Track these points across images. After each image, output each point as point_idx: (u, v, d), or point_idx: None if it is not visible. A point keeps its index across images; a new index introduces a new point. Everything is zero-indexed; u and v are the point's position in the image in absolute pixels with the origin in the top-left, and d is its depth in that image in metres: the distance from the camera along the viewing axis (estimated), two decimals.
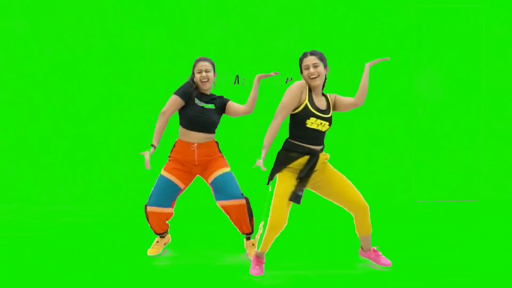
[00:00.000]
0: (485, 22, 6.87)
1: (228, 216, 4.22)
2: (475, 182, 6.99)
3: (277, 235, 3.70)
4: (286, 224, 3.67)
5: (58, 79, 6.97)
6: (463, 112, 6.94)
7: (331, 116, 3.75)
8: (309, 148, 3.69)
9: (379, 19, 6.91)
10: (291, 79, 6.85)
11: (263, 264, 3.81)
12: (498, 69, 6.93)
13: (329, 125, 3.74)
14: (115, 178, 7.03)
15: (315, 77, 3.67)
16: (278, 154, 3.74)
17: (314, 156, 3.67)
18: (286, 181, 3.67)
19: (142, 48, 6.94)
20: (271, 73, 4.14)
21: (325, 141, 3.85)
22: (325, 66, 3.77)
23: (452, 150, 6.96)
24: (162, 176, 4.22)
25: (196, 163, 4.21)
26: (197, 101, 4.20)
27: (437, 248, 4.58)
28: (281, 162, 3.70)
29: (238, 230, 4.28)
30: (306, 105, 3.65)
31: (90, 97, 6.97)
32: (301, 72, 3.77)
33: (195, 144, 4.17)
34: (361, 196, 3.81)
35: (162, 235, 4.39)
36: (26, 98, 7.00)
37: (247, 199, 4.16)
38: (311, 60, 3.70)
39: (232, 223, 4.25)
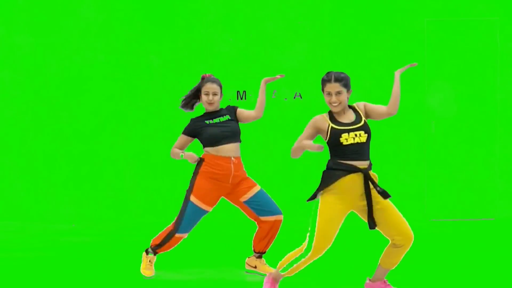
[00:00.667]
0: (499, 34, 6.85)
1: (261, 231, 4.24)
2: (491, 199, 6.95)
3: (320, 255, 3.60)
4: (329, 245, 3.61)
5: (63, 96, 7.03)
6: (478, 128, 6.92)
7: (364, 124, 3.57)
8: (351, 165, 3.51)
9: (391, 32, 6.94)
10: (299, 94, 6.85)
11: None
12: None
13: (366, 133, 3.55)
14: (119, 196, 7.05)
15: (336, 105, 3.57)
16: (322, 174, 3.62)
17: (365, 176, 3.55)
18: (331, 204, 3.55)
19: (148, 64, 6.99)
20: (277, 76, 4.09)
21: None
22: (348, 90, 3.65)
23: (466, 166, 6.94)
24: (192, 204, 4.16)
25: (230, 181, 4.16)
26: (208, 121, 4.24)
27: (452, 268, 4.55)
28: (324, 181, 3.57)
29: (255, 247, 4.28)
30: (332, 128, 3.55)
31: (96, 114, 7.01)
32: (322, 90, 3.65)
33: (232, 160, 4.15)
34: (409, 227, 3.61)
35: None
36: (31, 115, 7.04)
37: None
38: (334, 88, 3.56)
39: (256, 238, 4.27)
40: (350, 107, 3.68)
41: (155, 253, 4.28)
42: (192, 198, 4.12)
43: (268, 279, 3.65)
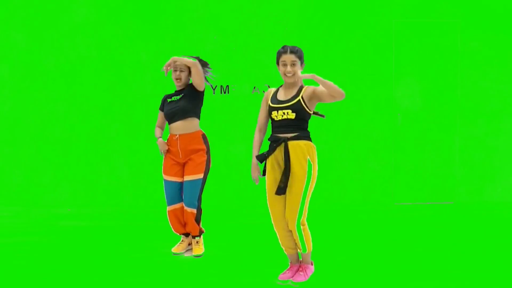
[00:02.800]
0: (460, 35, 7.08)
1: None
2: (450, 185, 7.20)
3: (283, 232, 3.73)
4: (281, 223, 3.70)
5: (61, 86, 7.15)
6: (440, 119, 7.13)
7: (295, 102, 3.66)
8: (277, 136, 3.71)
9: (361, 33, 7.11)
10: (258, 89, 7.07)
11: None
12: (472, 79, 7.13)
13: (294, 112, 3.66)
14: (114, 181, 7.20)
15: (291, 76, 3.69)
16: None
17: (279, 141, 3.68)
18: (269, 176, 3.74)
19: (138, 60, 7.15)
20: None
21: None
22: (302, 63, 3.75)
23: (429, 155, 7.15)
24: (164, 180, 4.63)
25: (180, 156, 4.53)
26: (169, 99, 4.63)
27: (414, 248, 4.77)
28: (266, 152, 3.77)
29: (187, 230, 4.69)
30: (268, 104, 3.77)
31: (92, 103, 7.16)
32: (277, 63, 3.76)
33: (177, 135, 4.50)
34: (294, 219, 3.66)
35: (185, 235, 4.75)
36: (29, 102, 7.16)
37: (198, 209, 4.57)
38: (290, 58, 3.69)
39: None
40: (302, 86, 3.76)
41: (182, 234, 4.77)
42: (163, 176, 4.64)
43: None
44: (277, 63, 3.78)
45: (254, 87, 7.08)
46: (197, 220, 4.60)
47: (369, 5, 7.13)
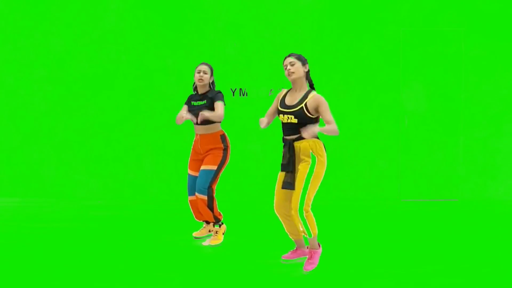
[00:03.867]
0: (464, 42, 7.22)
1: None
2: (455, 183, 7.30)
3: (283, 218, 4.04)
4: (280, 210, 4.00)
5: (93, 87, 7.44)
6: (445, 121, 7.25)
7: (298, 109, 3.82)
8: (285, 138, 3.95)
9: (371, 40, 7.28)
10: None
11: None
12: (475, 84, 7.27)
13: (296, 117, 3.82)
14: (139, 176, 7.45)
15: (292, 73, 3.88)
16: None
17: (286, 144, 3.91)
18: (281, 174, 4.06)
19: (164, 64, 7.43)
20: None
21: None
22: (304, 64, 3.93)
23: (434, 155, 7.27)
24: (188, 174, 5.02)
25: (201, 152, 4.90)
26: (192, 102, 4.93)
27: (420, 244, 4.85)
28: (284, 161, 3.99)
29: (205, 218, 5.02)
30: (277, 106, 4.03)
31: (122, 104, 7.42)
32: (285, 69, 4.00)
33: (199, 135, 4.86)
34: (296, 207, 3.85)
35: (206, 222, 5.10)
36: (64, 103, 7.44)
37: (209, 196, 4.78)
38: (288, 60, 3.93)
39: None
40: (309, 91, 3.92)
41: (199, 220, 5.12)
42: (188, 171, 5.03)
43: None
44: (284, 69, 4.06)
45: (271, 90, 7.33)
46: (210, 207, 4.82)
47: (379, 14, 7.29)
